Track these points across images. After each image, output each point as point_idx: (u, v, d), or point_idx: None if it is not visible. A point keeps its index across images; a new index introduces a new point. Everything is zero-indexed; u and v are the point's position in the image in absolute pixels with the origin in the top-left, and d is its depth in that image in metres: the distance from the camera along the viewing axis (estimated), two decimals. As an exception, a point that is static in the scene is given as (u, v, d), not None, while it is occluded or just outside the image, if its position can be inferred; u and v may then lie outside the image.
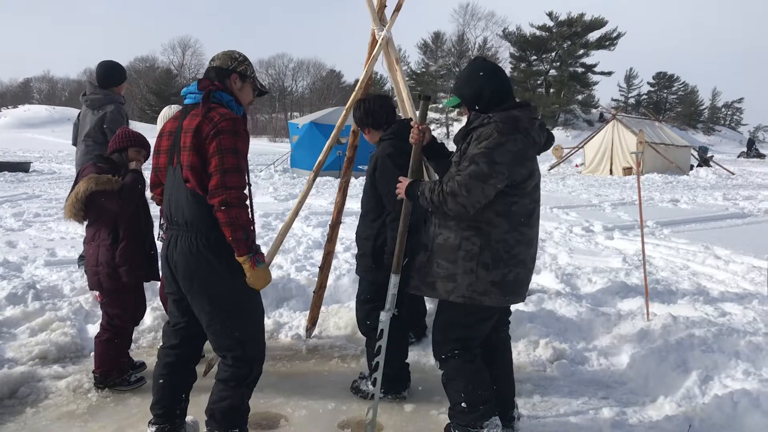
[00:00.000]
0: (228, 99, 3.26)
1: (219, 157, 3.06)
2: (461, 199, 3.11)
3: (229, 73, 3.32)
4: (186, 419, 3.59)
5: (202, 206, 3.11)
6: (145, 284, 4.57)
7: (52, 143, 45.99)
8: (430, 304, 5.47)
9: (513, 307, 3.80)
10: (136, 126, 5.56)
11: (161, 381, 3.46)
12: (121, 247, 4.22)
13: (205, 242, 3.15)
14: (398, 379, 4.27)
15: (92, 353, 4.51)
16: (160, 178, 3.41)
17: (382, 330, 3.65)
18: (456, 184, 3.11)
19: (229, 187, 3.06)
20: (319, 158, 5.03)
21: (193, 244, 3.15)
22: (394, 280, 3.62)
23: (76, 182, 4.31)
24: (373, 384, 3.73)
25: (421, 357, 4.86)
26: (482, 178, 3.09)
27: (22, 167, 22.03)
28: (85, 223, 4.35)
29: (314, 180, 5.02)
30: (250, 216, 3.21)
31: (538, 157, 3.39)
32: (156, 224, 5.21)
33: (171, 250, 3.23)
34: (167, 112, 4.90)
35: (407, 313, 4.27)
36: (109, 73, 5.67)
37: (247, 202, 3.18)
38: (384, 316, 3.64)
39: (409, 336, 4.55)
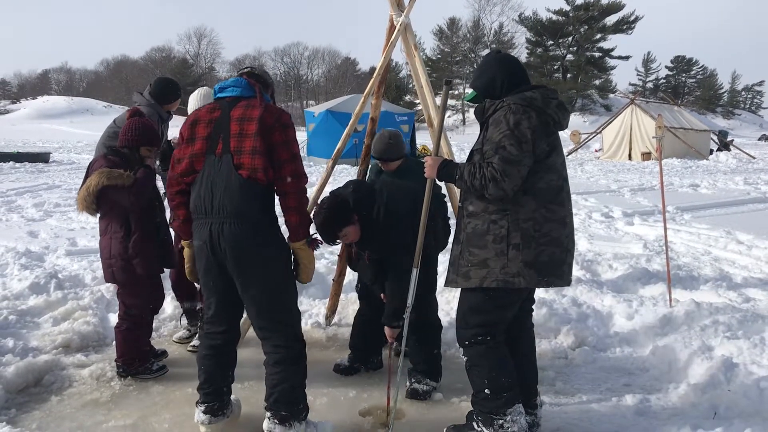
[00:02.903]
0: (268, 98, 3.53)
1: (288, 147, 3.31)
2: (502, 184, 3.13)
3: (269, 87, 3.67)
4: (231, 397, 3.69)
5: (252, 193, 3.22)
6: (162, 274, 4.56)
7: (70, 134, 46.41)
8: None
9: (534, 294, 3.77)
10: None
11: (208, 362, 3.54)
12: (134, 239, 4.20)
13: (254, 229, 3.24)
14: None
15: (114, 342, 4.54)
16: (195, 165, 3.33)
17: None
18: (494, 170, 3.13)
19: (302, 174, 3.39)
20: (338, 146, 5.02)
21: (243, 231, 3.22)
22: (414, 273, 3.62)
23: (87, 174, 4.27)
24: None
25: (442, 345, 4.83)
26: (515, 161, 3.12)
27: (42, 158, 22.28)
28: (98, 215, 4.33)
29: (332, 168, 5.01)
30: None
31: None
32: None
33: (217, 239, 3.24)
34: (201, 93, 4.84)
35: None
36: (160, 90, 5.56)
37: None
38: (405, 313, 3.69)
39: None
